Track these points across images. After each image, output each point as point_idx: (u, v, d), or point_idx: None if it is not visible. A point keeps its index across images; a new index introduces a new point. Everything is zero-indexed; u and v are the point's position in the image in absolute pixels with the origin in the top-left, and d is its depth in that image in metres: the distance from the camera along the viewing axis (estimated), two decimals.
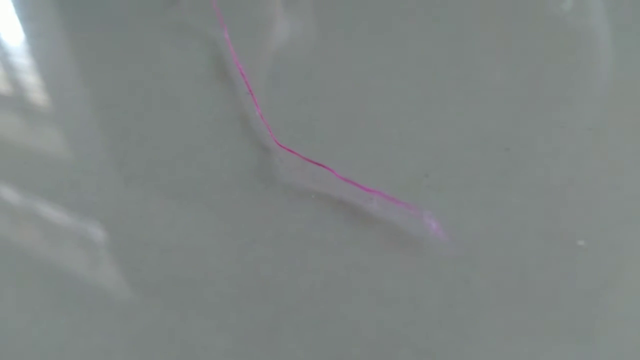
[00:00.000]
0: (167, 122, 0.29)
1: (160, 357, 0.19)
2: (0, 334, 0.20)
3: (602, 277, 0.19)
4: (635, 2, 0.35)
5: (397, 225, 0.22)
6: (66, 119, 0.31)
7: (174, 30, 0.38)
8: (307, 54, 0.35)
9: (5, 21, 0.43)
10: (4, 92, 0.34)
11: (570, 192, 0.23)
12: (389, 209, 0.22)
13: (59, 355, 0.19)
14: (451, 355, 0.18)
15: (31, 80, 0.35)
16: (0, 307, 0.21)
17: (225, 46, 0.35)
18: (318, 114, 0.29)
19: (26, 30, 0.42)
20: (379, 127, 0.27)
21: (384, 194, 0.22)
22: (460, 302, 0.19)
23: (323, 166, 0.25)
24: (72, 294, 0.21)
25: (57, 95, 0.33)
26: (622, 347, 0.17)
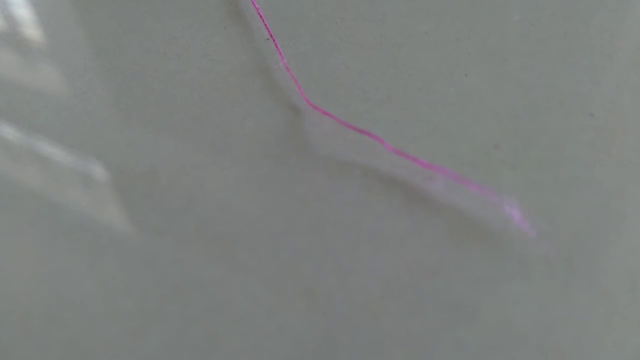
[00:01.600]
0: (173, 74, 0.24)
1: None
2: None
3: None
4: None
5: (469, 213, 0.18)
6: (67, 58, 0.26)
7: None
8: None
9: None
10: None
11: None
12: (457, 192, 0.18)
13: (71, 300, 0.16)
14: None
15: (25, 14, 0.30)
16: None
17: None
18: (355, 65, 0.24)
19: None
20: (431, 83, 0.23)
21: (451, 172, 0.18)
22: (559, 319, 0.15)
23: (368, 133, 0.20)
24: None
25: (53, 30, 0.28)
26: None
